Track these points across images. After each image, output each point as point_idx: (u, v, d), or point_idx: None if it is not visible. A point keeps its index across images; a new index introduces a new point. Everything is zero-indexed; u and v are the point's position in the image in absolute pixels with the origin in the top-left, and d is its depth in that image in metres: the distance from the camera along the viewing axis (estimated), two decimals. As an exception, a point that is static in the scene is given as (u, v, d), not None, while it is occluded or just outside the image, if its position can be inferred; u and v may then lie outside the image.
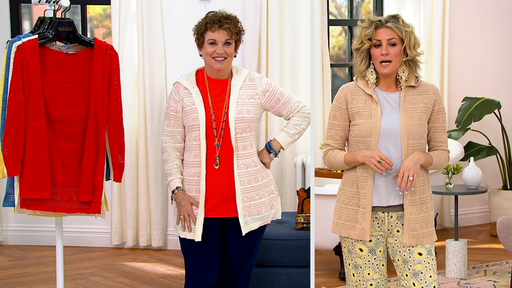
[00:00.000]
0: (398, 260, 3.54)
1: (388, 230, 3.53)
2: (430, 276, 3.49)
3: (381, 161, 3.39)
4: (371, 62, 3.52)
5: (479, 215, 7.37)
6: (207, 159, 3.87)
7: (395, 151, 3.47)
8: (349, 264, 3.60)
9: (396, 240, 3.52)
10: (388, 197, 3.49)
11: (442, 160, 3.56)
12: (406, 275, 3.51)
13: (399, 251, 3.52)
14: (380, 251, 3.56)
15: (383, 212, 3.51)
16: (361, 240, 3.53)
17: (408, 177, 3.40)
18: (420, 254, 3.49)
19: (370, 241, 3.54)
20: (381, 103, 3.50)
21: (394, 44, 3.44)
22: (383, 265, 3.58)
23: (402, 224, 3.51)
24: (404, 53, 3.46)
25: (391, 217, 3.51)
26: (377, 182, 3.49)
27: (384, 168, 3.40)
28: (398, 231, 3.51)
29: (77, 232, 6.49)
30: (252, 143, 3.94)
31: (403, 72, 3.48)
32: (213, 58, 3.87)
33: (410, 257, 3.50)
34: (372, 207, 3.50)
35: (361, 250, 3.55)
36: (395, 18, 3.45)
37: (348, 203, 3.55)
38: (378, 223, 3.53)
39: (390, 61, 3.44)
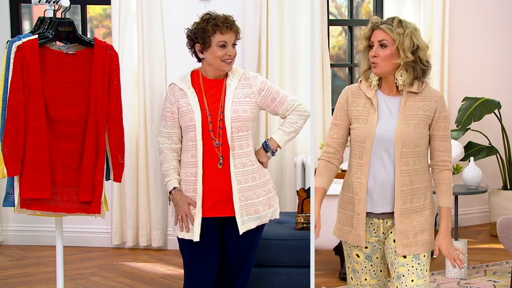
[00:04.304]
0: (389, 262, 3.50)
1: (384, 234, 3.49)
2: (412, 281, 3.41)
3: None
4: None
5: (479, 215, 7.38)
6: (204, 159, 3.87)
7: (388, 158, 3.42)
8: (348, 267, 3.60)
9: (388, 242, 3.48)
10: (381, 205, 3.45)
11: (451, 187, 3.47)
12: (393, 278, 3.48)
13: (389, 253, 3.48)
14: (377, 258, 3.53)
15: (378, 219, 3.48)
16: (357, 246, 3.51)
17: (454, 258, 3.40)
18: (404, 257, 3.43)
19: (366, 247, 3.51)
20: (380, 107, 3.45)
21: (385, 46, 3.39)
22: (381, 271, 3.55)
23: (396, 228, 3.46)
24: (398, 55, 3.39)
25: (387, 222, 3.48)
26: (370, 189, 3.44)
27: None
28: (391, 233, 3.47)
29: (77, 232, 6.50)
30: (249, 142, 3.94)
31: (401, 76, 3.41)
32: (223, 60, 3.86)
33: (395, 259, 3.45)
34: (367, 213, 3.46)
35: (357, 256, 3.53)
36: (392, 19, 3.41)
37: (345, 208, 3.54)
38: (374, 229, 3.49)
39: (378, 63, 3.40)
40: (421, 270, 3.43)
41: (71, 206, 4.04)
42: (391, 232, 3.47)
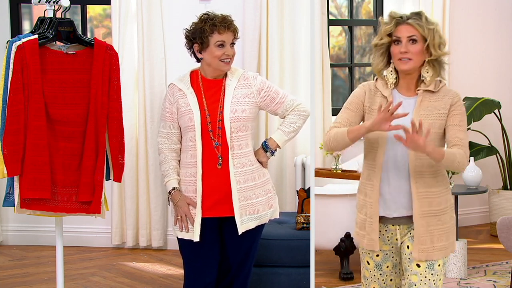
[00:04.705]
0: (403, 267, 3.40)
1: (398, 240, 3.39)
2: None
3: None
4: (391, 61, 3.33)
5: (479, 215, 7.37)
6: (203, 159, 3.87)
7: (402, 159, 3.29)
8: (361, 271, 3.52)
9: (403, 247, 3.38)
10: (395, 209, 3.33)
11: (457, 157, 3.21)
12: (404, 284, 3.39)
13: (403, 258, 3.39)
14: (387, 267, 3.43)
15: (393, 225, 3.37)
16: (369, 253, 3.42)
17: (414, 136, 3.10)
18: (418, 265, 3.33)
19: (378, 255, 3.41)
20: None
21: (415, 41, 3.26)
22: (391, 280, 3.45)
23: (410, 233, 3.35)
24: (427, 52, 3.27)
25: (400, 228, 3.37)
26: (383, 191, 3.33)
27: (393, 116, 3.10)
28: (405, 238, 3.37)
29: (77, 232, 6.50)
30: (248, 142, 3.94)
31: (427, 73, 3.30)
32: (221, 60, 3.86)
33: (409, 266, 3.36)
34: (381, 217, 3.35)
35: (368, 263, 3.44)
36: (417, 15, 3.28)
37: (360, 211, 3.42)
38: (388, 236, 3.39)
39: (410, 59, 3.25)
40: (433, 280, 3.33)
41: (71, 206, 4.04)
42: (407, 238, 3.36)
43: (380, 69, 3.36)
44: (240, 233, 3.91)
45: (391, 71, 3.34)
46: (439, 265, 3.34)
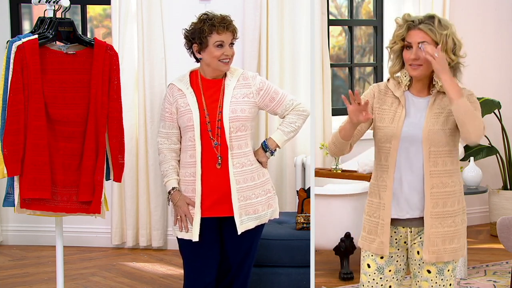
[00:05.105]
0: (412, 272, 3.35)
1: (406, 243, 3.33)
2: None
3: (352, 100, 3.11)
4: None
5: (479, 215, 7.37)
6: (202, 159, 3.88)
7: (415, 159, 3.23)
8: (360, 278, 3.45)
9: (412, 252, 3.33)
10: (407, 210, 3.26)
11: (477, 113, 3.15)
12: None
13: (412, 263, 3.34)
14: (389, 271, 3.34)
15: (403, 227, 3.31)
16: (372, 255, 3.34)
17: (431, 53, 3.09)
18: (428, 271, 3.27)
19: (382, 258, 3.33)
20: (407, 107, 3.27)
21: None
22: (390, 286, 3.36)
23: (420, 237, 3.29)
24: None
25: (411, 231, 3.31)
26: (396, 192, 3.27)
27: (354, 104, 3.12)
28: (415, 243, 3.31)
29: (77, 232, 6.49)
30: (248, 142, 3.94)
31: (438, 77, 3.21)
32: (220, 60, 3.86)
33: (419, 272, 3.31)
34: (392, 219, 3.28)
35: (368, 266, 3.35)
36: (430, 18, 3.21)
37: (372, 215, 3.34)
38: (396, 239, 3.32)
39: (420, 65, 3.19)
40: (444, 286, 3.29)
41: (71, 206, 4.04)
42: (415, 243, 3.31)
43: (395, 72, 3.31)
44: (239, 233, 3.91)
45: (405, 73, 3.30)
46: (448, 270, 3.30)
